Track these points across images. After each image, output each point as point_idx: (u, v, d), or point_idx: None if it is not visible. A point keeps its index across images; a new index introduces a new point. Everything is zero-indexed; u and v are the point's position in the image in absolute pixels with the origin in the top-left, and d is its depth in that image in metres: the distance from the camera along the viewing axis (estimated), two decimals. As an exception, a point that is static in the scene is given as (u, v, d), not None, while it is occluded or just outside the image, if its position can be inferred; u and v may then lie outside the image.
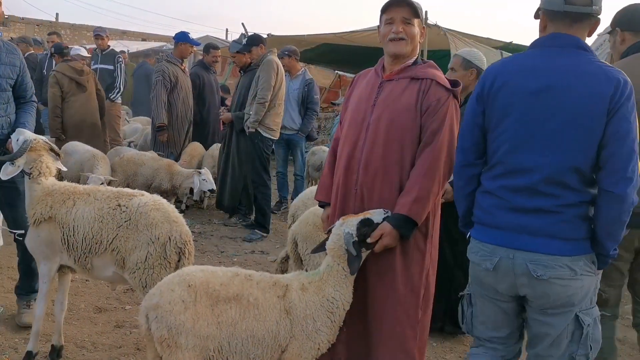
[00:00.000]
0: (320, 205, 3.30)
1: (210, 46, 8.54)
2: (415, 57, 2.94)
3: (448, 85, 2.83)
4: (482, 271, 2.55)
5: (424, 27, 2.96)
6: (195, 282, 2.54)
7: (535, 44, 2.51)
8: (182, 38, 7.88)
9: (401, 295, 2.82)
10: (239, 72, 7.48)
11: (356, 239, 2.62)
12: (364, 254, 2.70)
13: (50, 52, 8.12)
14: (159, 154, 7.25)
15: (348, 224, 2.65)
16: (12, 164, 3.41)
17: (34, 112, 4.13)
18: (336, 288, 2.65)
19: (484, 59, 4.34)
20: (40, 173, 3.44)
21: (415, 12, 2.84)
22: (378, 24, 3.02)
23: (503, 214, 2.45)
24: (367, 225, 2.64)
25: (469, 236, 2.70)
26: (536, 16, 2.56)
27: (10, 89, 3.94)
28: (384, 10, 2.91)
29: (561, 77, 2.34)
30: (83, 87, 7.45)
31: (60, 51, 7.94)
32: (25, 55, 9.54)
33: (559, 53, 2.40)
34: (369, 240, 2.64)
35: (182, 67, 7.79)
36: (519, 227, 2.40)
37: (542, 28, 2.51)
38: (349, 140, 2.95)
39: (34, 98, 4.19)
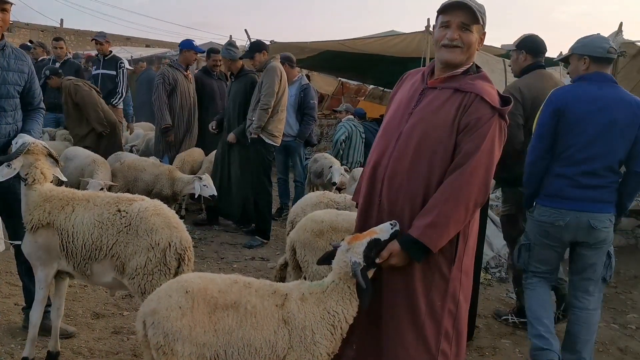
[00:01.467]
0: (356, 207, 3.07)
1: (210, 50, 8.58)
2: (469, 65, 2.67)
3: (495, 103, 2.54)
4: (551, 226, 3.83)
5: (484, 32, 2.67)
6: (193, 288, 2.50)
7: (585, 77, 3.82)
8: (186, 45, 8.13)
9: (419, 319, 2.62)
10: (230, 77, 7.46)
11: (364, 264, 2.51)
12: (371, 272, 2.60)
13: (45, 75, 8.20)
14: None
15: (354, 251, 2.53)
16: (9, 165, 3.38)
17: (40, 119, 4.06)
18: (339, 302, 2.58)
19: None
20: (35, 180, 3.41)
21: (476, 17, 2.56)
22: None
23: (573, 190, 3.74)
24: (374, 247, 2.52)
25: (535, 204, 3.97)
26: (564, 60, 4.13)
27: (19, 96, 3.89)
28: (442, 11, 2.63)
29: (611, 100, 3.70)
30: (99, 92, 7.96)
31: (56, 72, 8.11)
32: (39, 59, 9.60)
33: (603, 85, 3.77)
34: (377, 260, 2.54)
35: (186, 74, 7.91)
36: (583, 197, 3.73)
37: (586, 68, 3.83)
38: (378, 146, 2.76)
39: (42, 105, 4.13)
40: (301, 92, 8.11)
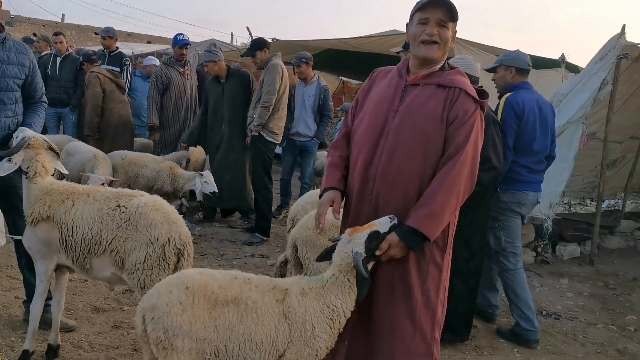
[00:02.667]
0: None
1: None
2: (443, 62, 2.76)
3: (476, 96, 2.68)
4: (517, 205, 4.75)
5: (456, 30, 2.75)
6: (194, 284, 2.50)
7: (521, 86, 4.79)
8: (173, 41, 8.13)
9: (416, 310, 2.67)
10: (219, 80, 7.32)
11: (364, 255, 2.54)
12: (370, 264, 2.62)
13: (80, 60, 8.28)
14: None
15: (355, 242, 2.56)
16: (10, 160, 3.39)
17: (42, 113, 4.05)
18: (338, 296, 2.60)
19: (472, 65, 4.31)
20: (36, 173, 3.42)
21: (452, 15, 2.65)
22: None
23: (530, 175, 4.75)
24: (374, 239, 2.55)
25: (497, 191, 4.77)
26: (492, 70, 5.01)
27: (19, 89, 3.88)
28: (420, 8, 2.69)
29: (542, 104, 4.78)
30: (122, 88, 7.99)
31: (89, 58, 8.14)
32: (42, 53, 9.60)
33: (531, 92, 4.82)
34: (377, 252, 2.56)
35: (182, 71, 7.86)
36: (535, 180, 4.80)
37: (511, 77, 4.85)
38: (366, 146, 2.77)
39: (44, 99, 4.12)
40: (322, 93, 8.11)
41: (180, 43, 7.94)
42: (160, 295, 2.49)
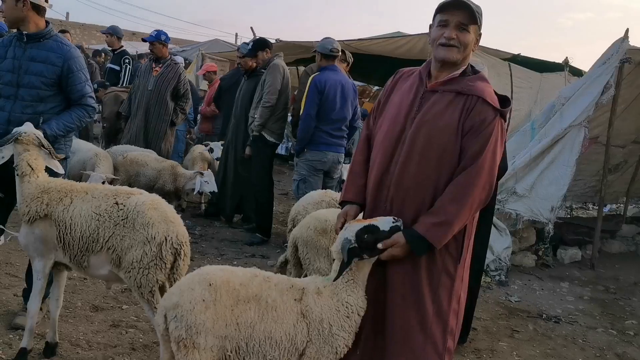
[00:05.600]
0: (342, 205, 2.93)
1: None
2: (465, 66, 2.66)
3: (495, 104, 2.57)
4: (319, 162, 6.25)
5: (480, 34, 2.65)
6: (216, 281, 2.51)
7: (329, 68, 6.23)
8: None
9: (427, 319, 2.62)
10: (243, 76, 7.49)
11: (355, 245, 2.53)
12: (369, 260, 2.60)
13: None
14: None
15: (349, 230, 2.58)
16: None
17: (77, 114, 3.92)
18: (349, 293, 2.60)
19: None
20: (23, 172, 3.38)
21: (474, 17, 2.56)
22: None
23: (330, 139, 6.26)
24: (370, 232, 2.53)
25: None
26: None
27: (48, 88, 3.82)
28: (440, 10, 2.61)
29: (345, 83, 6.30)
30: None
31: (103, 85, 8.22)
32: None
33: (338, 73, 6.32)
34: (380, 245, 2.52)
35: (152, 66, 7.38)
36: (334, 143, 6.31)
37: (319, 60, 6.11)
38: (383, 152, 2.72)
39: (86, 102, 3.95)
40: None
41: (147, 39, 7.58)
42: (182, 293, 2.50)
